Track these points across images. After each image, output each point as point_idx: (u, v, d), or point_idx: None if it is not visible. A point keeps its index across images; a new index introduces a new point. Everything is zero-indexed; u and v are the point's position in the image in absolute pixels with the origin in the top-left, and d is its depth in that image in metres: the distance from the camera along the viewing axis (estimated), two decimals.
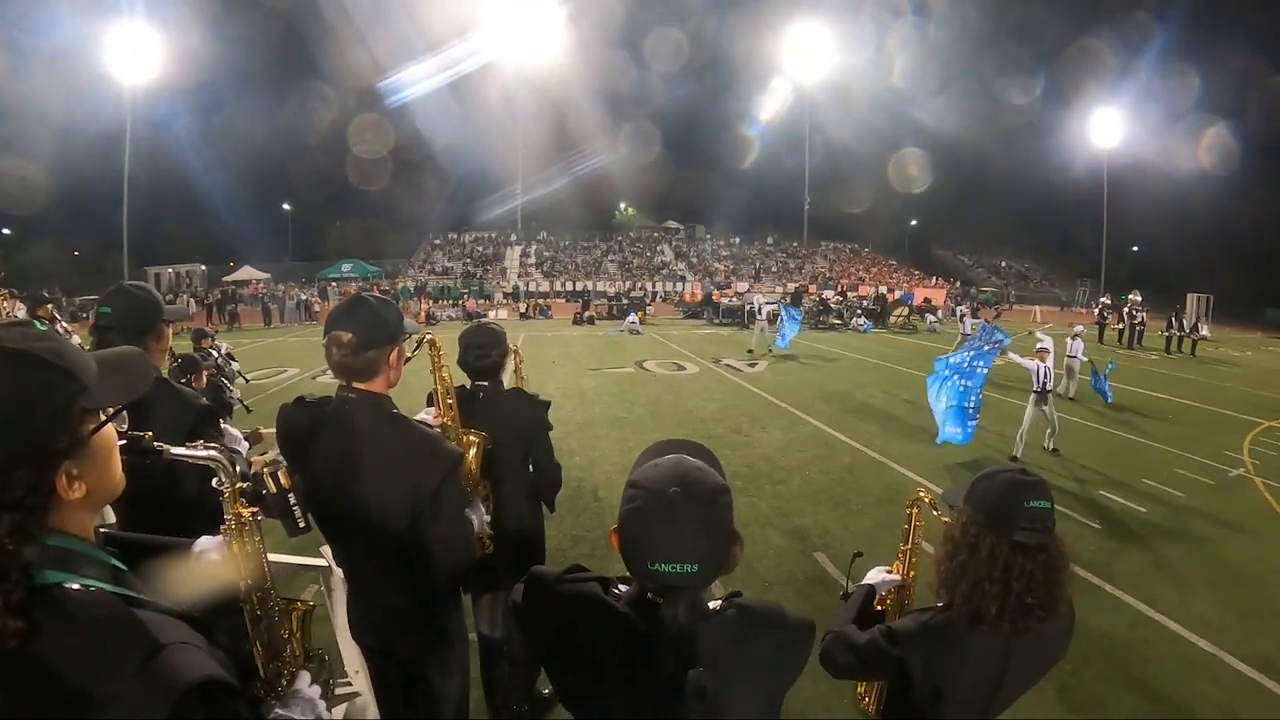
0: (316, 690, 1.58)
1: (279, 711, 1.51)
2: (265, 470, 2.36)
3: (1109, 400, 11.93)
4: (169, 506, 2.25)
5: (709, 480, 1.37)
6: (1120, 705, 4.12)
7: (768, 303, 21.84)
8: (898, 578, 2.39)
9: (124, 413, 1.25)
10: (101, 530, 1.27)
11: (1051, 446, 9.55)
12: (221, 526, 1.56)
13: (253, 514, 1.58)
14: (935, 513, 2.33)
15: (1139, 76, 55.61)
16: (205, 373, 6.23)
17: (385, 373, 2.30)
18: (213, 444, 1.56)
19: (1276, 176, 48.33)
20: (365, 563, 2.40)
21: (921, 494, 2.48)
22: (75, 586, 1.06)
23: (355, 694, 3.13)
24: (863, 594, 2.32)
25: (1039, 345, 9.74)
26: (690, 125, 65.04)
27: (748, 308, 26.40)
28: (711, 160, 65.21)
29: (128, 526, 2.48)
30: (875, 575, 2.39)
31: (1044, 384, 9.29)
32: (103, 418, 1.17)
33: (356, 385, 2.27)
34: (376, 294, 2.52)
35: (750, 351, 19.55)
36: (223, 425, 2.95)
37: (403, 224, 59.23)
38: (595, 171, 60.85)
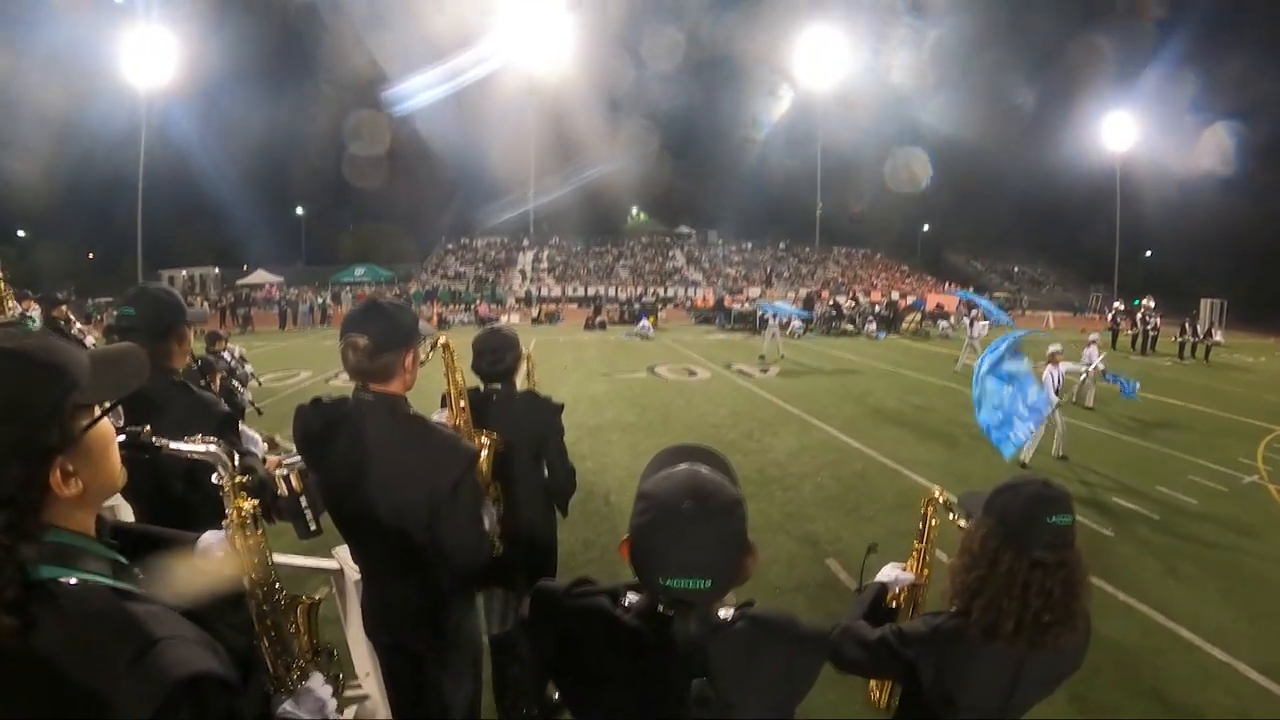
0: (328, 690, 1.59)
1: (287, 708, 1.52)
2: (278, 473, 2.39)
3: (1132, 394, 10.76)
4: (188, 505, 2.27)
5: (723, 493, 1.35)
6: (1132, 713, 4.10)
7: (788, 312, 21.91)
8: (911, 576, 2.36)
9: (119, 408, 1.26)
10: (109, 522, 1.27)
11: (1060, 453, 9.51)
12: (224, 521, 1.58)
13: (254, 507, 1.59)
14: (951, 516, 2.31)
15: (1152, 81, 55.24)
16: (219, 375, 6.28)
17: (401, 375, 2.31)
18: (211, 439, 1.58)
19: None
20: (381, 560, 2.42)
21: (937, 494, 2.43)
22: (72, 581, 1.07)
23: (365, 696, 3.14)
24: (875, 590, 2.31)
25: (1051, 350, 9.75)
26: (702, 130, 65.09)
27: (759, 314, 26.35)
28: (723, 165, 65.03)
29: (147, 523, 2.51)
30: (889, 572, 2.37)
31: (1055, 389, 9.22)
32: (97, 413, 1.18)
33: (373, 387, 2.29)
34: (391, 298, 2.53)
35: (762, 357, 19.51)
36: (240, 427, 2.97)
37: (415, 229, 59.47)
38: (607, 177, 60.67)
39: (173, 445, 1.51)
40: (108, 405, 1.21)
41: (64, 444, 1.10)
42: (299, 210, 64.38)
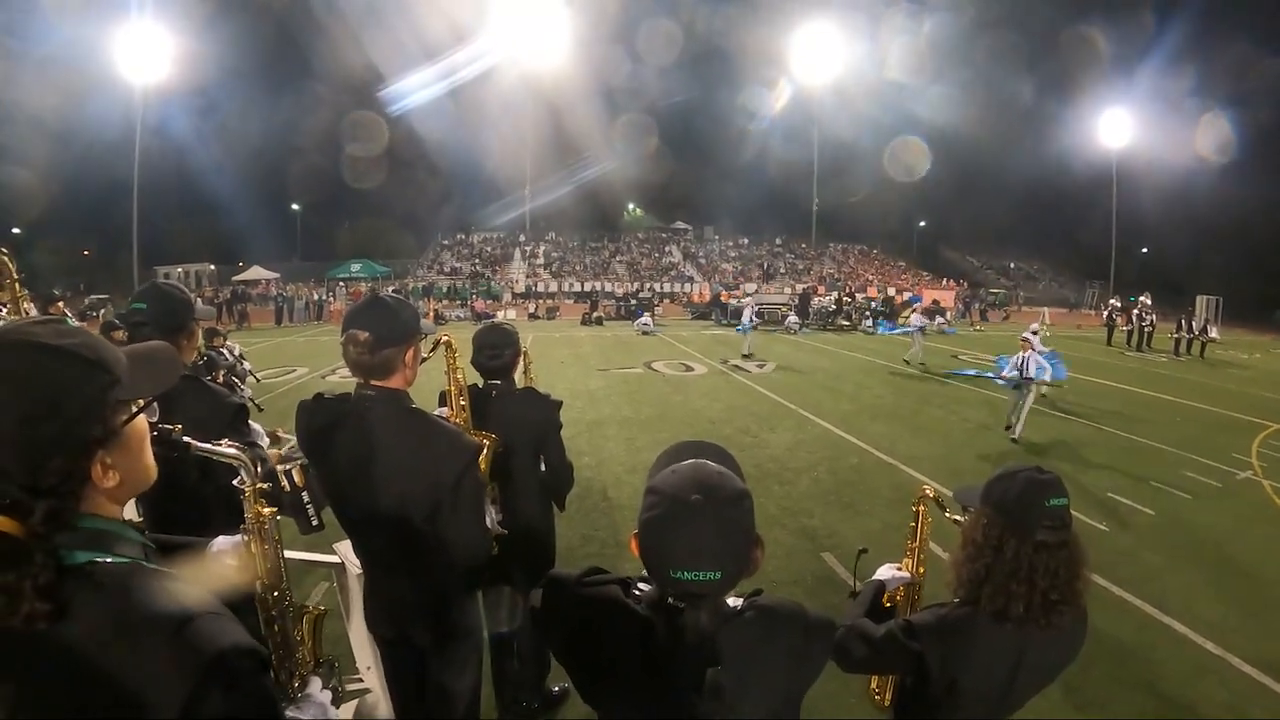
0: (328, 695, 1.62)
1: (290, 713, 1.54)
2: (280, 468, 2.40)
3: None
4: (197, 500, 2.28)
5: (730, 486, 1.36)
6: (1127, 706, 4.12)
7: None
8: (907, 575, 2.38)
9: (155, 405, 1.29)
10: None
11: (1018, 434, 10.14)
12: (242, 526, 1.60)
13: (272, 514, 1.61)
14: (945, 513, 2.33)
15: (1149, 77, 55.31)
16: (222, 371, 6.30)
17: (402, 371, 2.32)
18: (236, 443, 1.60)
19: None
20: (384, 555, 2.43)
21: (927, 490, 2.45)
22: (108, 560, 1.10)
23: (366, 690, 3.15)
24: (872, 589, 2.32)
25: (1023, 335, 10.65)
26: (698, 125, 65.02)
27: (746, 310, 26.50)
28: (720, 161, 64.92)
29: (154, 517, 2.52)
30: (885, 572, 2.38)
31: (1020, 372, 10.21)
32: (134, 409, 1.20)
33: (374, 382, 2.30)
34: (393, 293, 2.55)
35: (746, 356, 19.37)
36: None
37: (411, 224, 59.34)
38: (603, 173, 60.67)
39: (202, 446, 1.53)
40: (144, 401, 1.23)
41: (106, 438, 1.12)
42: (295, 206, 64.22)
